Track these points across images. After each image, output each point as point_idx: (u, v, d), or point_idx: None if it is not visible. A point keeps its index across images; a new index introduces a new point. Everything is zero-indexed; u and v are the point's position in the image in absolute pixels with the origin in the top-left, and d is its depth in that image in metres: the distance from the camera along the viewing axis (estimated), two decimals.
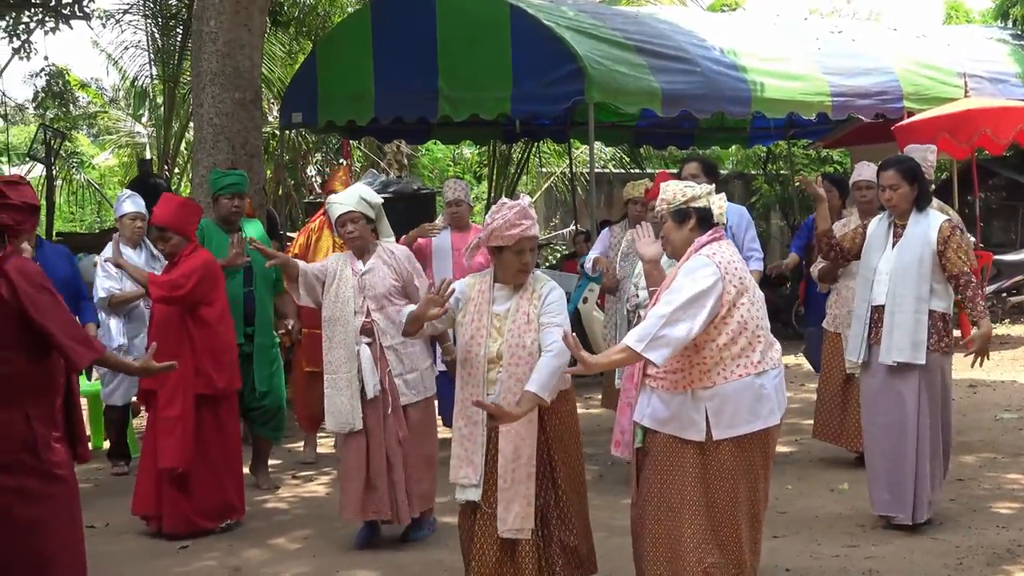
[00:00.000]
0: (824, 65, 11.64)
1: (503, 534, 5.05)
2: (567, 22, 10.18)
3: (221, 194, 7.81)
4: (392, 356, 6.42)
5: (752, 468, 4.85)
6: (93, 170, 26.05)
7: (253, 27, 10.45)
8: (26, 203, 4.92)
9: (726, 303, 4.72)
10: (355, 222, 6.43)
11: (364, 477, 6.39)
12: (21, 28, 16.67)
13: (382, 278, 6.43)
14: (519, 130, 14.47)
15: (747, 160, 20.51)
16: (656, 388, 4.86)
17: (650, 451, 4.91)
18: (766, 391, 4.82)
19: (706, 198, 4.95)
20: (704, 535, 4.80)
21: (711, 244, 4.86)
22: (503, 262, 5.14)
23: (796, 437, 9.13)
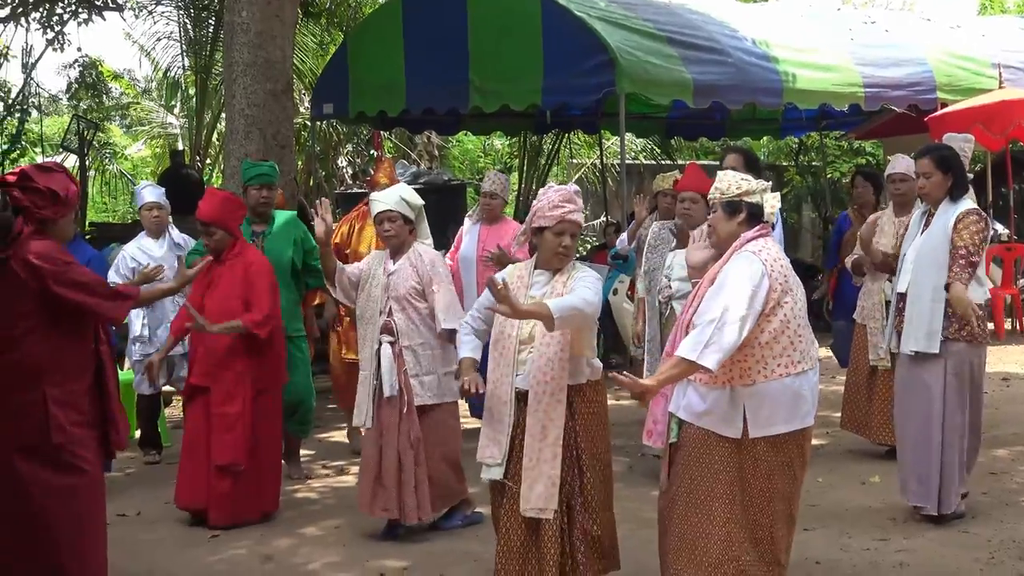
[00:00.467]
0: (857, 56, 11.57)
1: (525, 512, 5.05)
2: (598, 13, 10.16)
3: (250, 184, 7.80)
4: (410, 356, 6.41)
5: (790, 467, 4.83)
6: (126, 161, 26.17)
7: (285, 18, 10.48)
8: (49, 189, 4.96)
9: (771, 301, 4.69)
10: (392, 221, 6.43)
11: (376, 474, 6.42)
12: (55, 20, 16.75)
13: (405, 279, 6.43)
14: (550, 121, 14.45)
15: (779, 151, 20.41)
16: (693, 380, 4.83)
17: (683, 444, 4.89)
18: (804, 391, 4.80)
19: (760, 194, 4.91)
20: (737, 533, 4.77)
21: (757, 240, 4.82)
22: (544, 243, 5.16)
23: (827, 430, 9.09)
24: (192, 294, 6.99)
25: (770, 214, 4.90)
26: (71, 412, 4.98)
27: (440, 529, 6.69)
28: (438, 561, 6.20)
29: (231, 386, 6.84)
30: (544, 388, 5.04)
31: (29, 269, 4.87)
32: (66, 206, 5.05)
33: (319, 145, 19.52)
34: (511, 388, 5.13)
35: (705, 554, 4.78)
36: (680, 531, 4.85)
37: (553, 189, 5.20)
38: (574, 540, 5.11)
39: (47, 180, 4.98)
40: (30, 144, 19.91)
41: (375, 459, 6.42)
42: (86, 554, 5.07)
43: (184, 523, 6.99)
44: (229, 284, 6.89)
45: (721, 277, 4.76)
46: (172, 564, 6.25)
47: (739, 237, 4.84)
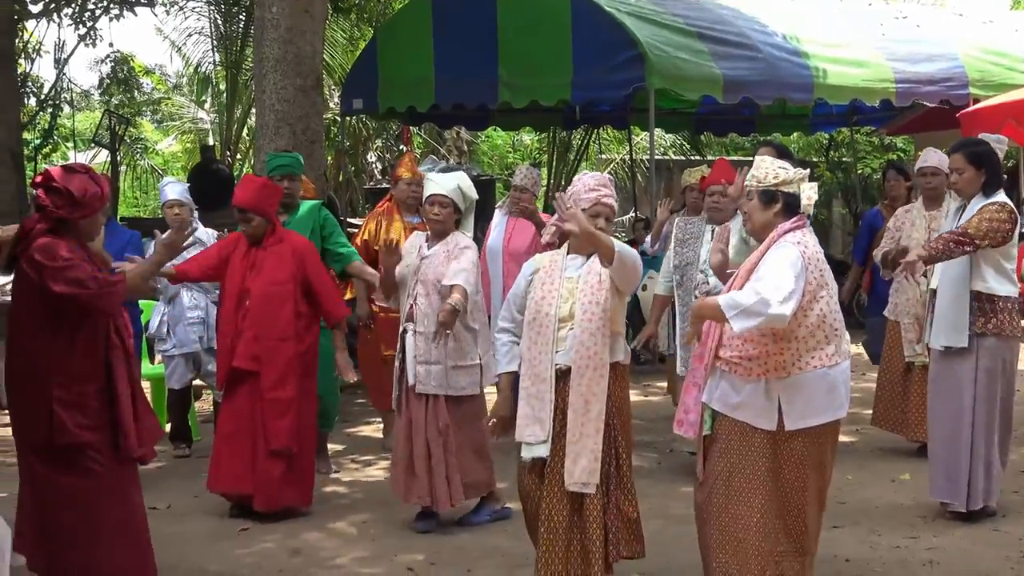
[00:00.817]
0: (888, 51, 11.51)
1: (569, 486, 5.04)
2: (628, 8, 10.14)
3: (272, 176, 7.82)
4: (421, 343, 6.39)
5: (823, 459, 4.86)
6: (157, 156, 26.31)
7: (315, 13, 10.50)
8: (67, 189, 4.98)
9: (808, 294, 4.69)
10: (444, 206, 6.43)
11: (408, 462, 6.44)
12: (87, 15, 16.84)
13: (436, 266, 6.41)
14: (579, 116, 14.44)
15: (809, 147, 20.33)
16: (728, 372, 4.83)
17: (718, 437, 4.90)
18: (838, 383, 4.80)
19: (798, 184, 4.90)
20: (774, 523, 4.79)
21: (795, 232, 4.81)
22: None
23: (856, 427, 9.05)
24: (230, 280, 6.95)
25: (806, 206, 4.88)
26: (78, 415, 4.99)
27: (468, 524, 6.70)
28: (465, 556, 6.20)
29: (284, 370, 6.83)
30: (587, 363, 5.04)
31: (32, 266, 4.93)
32: (85, 207, 5.04)
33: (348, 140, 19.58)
34: (551, 365, 5.12)
35: (746, 545, 4.80)
36: (721, 523, 4.86)
37: (588, 175, 5.27)
38: (610, 518, 5.12)
39: (67, 181, 5.01)
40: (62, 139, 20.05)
41: (406, 447, 6.44)
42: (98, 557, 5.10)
43: (214, 516, 7.02)
44: (275, 268, 6.87)
45: (761, 265, 4.76)
46: (201, 557, 6.28)
47: (776, 228, 4.83)
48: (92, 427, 5.03)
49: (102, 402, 5.06)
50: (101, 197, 5.12)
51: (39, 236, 4.99)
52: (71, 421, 4.97)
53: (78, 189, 5.00)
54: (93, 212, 5.12)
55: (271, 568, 6.09)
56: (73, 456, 5.01)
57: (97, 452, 5.04)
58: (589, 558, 5.05)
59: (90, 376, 5.04)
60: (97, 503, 5.07)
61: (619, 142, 20.90)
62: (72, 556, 5.08)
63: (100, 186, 5.12)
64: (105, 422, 5.06)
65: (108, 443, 5.07)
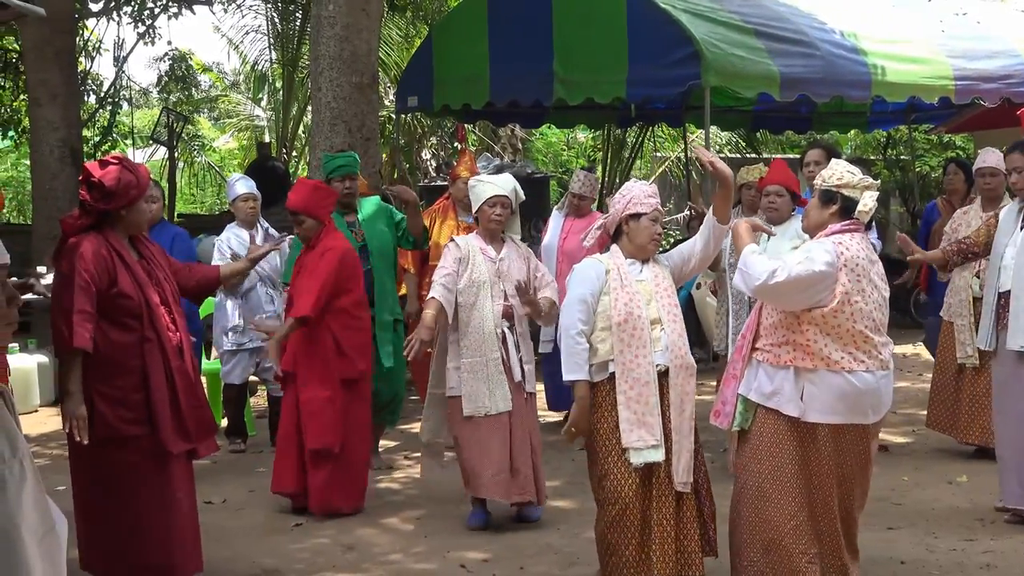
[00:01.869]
0: (948, 48, 11.37)
1: (677, 487, 5.08)
2: (684, 5, 10.08)
3: (332, 177, 7.87)
4: (522, 344, 6.56)
5: (851, 461, 4.84)
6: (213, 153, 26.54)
7: (371, 11, 10.53)
8: (100, 182, 5.03)
9: (838, 294, 4.69)
10: (504, 207, 6.54)
11: (508, 461, 6.44)
12: (146, 13, 17.01)
13: (518, 268, 6.53)
14: (634, 114, 14.38)
15: (866, 145, 20.15)
16: (763, 362, 4.90)
17: (752, 435, 4.94)
18: (865, 390, 4.78)
19: (861, 190, 4.91)
20: (805, 525, 4.76)
21: (842, 234, 4.83)
22: (639, 229, 5.21)
23: (913, 428, 8.97)
24: (292, 281, 7.10)
25: (862, 212, 4.87)
26: (120, 408, 5.05)
27: (522, 521, 6.70)
28: (519, 553, 6.21)
29: (319, 371, 6.88)
30: (680, 362, 5.17)
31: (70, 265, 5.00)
32: (120, 197, 5.08)
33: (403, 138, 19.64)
34: (652, 367, 5.12)
35: (778, 547, 4.78)
36: (752, 523, 4.87)
37: (636, 181, 5.35)
38: (707, 516, 5.23)
39: (101, 173, 5.06)
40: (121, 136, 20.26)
41: (504, 448, 6.44)
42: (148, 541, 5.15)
43: (269, 510, 7.08)
44: (311, 271, 6.93)
45: (796, 255, 4.85)
46: (256, 551, 6.33)
47: (827, 227, 4.85)
48: (134, 420, 5.08)
49: (142, 396, 5.10)
50: (137, 185, 5.13)
51: (78, 235, 5.05)
52: (112, 415, 5.03)
53: (110, 180, 5.04)
54: (132, 201, 5.14)
55: (324, 563, 6.13)
56: (115, 449, 5.07)
57: (137, 445, 5.10)
58: (691, 558, 5.11)
59: (127, 371, 5.08)
60: (136, 495, 5.12)
61: (674, 140, 20.81)
62: (110, 545, 5.15)
63: (135, 174, 5.14)
64: (145, 417, 5.11)
65: (148, 438, 5.12)
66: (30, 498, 2.26)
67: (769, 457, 4.84)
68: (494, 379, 6.42)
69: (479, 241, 6.60)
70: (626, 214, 5.23)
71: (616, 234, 5.34)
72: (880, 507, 6.77)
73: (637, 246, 5.25)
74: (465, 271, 6.50)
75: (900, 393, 10.13)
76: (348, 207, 7.87)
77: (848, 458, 4.85)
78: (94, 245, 5.03)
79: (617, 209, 5.28)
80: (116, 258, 5.09)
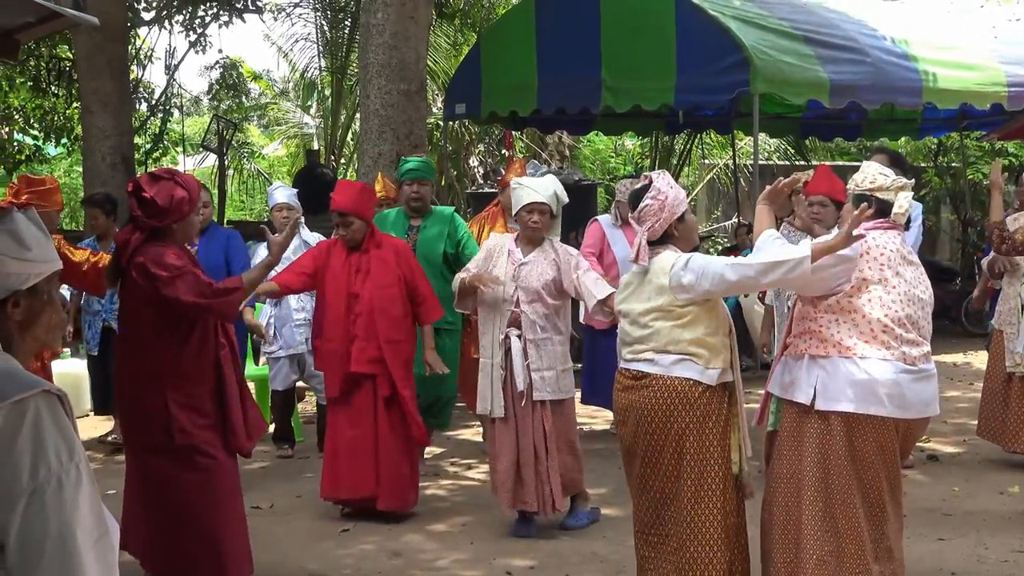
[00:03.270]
0: (1000, 54, 11.29)
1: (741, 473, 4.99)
2: (733, 11, 10.07)
3: (402, 180, 7.93)
4: (533, 350, 6.44)
5: (860, 453, 4.72)
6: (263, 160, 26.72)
7: (419, 19, 10.58)
8: (151, 199, 5.07)
9: (854, 280, 4.69)
10: (543, 213, 6.47)
11: (514, 468, 6.44)
12: (197, 22, 17.17)
13: (539, 273, 6.46)
14: (682, 121, 14.35)
15: (917, 152, 19.99)
16: (787, 355, 4.92)
17: (779, 436, 4.93)
18: (881, 379, 4.68)
19: (895, 192, 4.87)
20: (822, 523, 4.70)
21: (876, 231, 4.79)
22: (689, 227, 5.05)
23: (964, 437, 8.88)
24: (334, 286, 6.95)
25: (898, 214, 4.82)
26: (194, 415, 5.11)
27: (567, 529, 6.69)
28: (564, 561, 6.20)
29: (402, 370, 6.90)
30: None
31: (143, 275, 5.04)
32: (172, 213, 5.11)
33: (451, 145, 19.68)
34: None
35: (800, 547, 4.73)
36: (783, 524, 4.82)
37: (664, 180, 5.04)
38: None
39: (153, 190, 5.09)
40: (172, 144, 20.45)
41: (510, 455, 6.45)
42: (225, 543, 5.22)
43: (316, 516, 7.10)
44: (381, 271, 6.91)
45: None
46: (303, 556, 6.36)
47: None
48: (208, 426, 5.15)
49: (214, 402, 5.17)
50: (189, 201, 5.15)
51: (140, 245, 5.10)
52: (188, 421, 5.09)
53: (163, 197, 5.07)
54: (183, 216, 5.16)
55: (370, 569, 6.14)
56: (189, 454, 5.13)
57: (212, 448, 5.16)
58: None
59: (202, 377, 5.15)
60: (213, 498, 5.19)
61: (722, 147, 20.73)
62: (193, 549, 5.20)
63: (188, 190, 5.17)
64: (218, 420, 5.17)
65: (220, 440, 5.19)
66: (86, 502, 2.28)
67: (792, 444, 4.81)
68: (495, 384, 6.46)
69: (511, 243, 6.60)
70: (674, 219, 4.98)
71: (663, 239, 4.98)
72: (930, 517, 6.71)
73: (691, 243, 5.10)
74: (487, 268, 6.52)
75: (951, 403, 10.04)
76: (417, 211, 7.91)
77: (866, 452, 4.72)
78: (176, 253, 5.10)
79: (662, 217, 4.94)
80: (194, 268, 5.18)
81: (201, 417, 5.14)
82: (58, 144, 18.77)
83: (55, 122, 17.96)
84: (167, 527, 5.22)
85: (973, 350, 13.16)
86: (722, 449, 4.84)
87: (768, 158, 20.27)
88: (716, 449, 4.83)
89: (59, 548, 2.21)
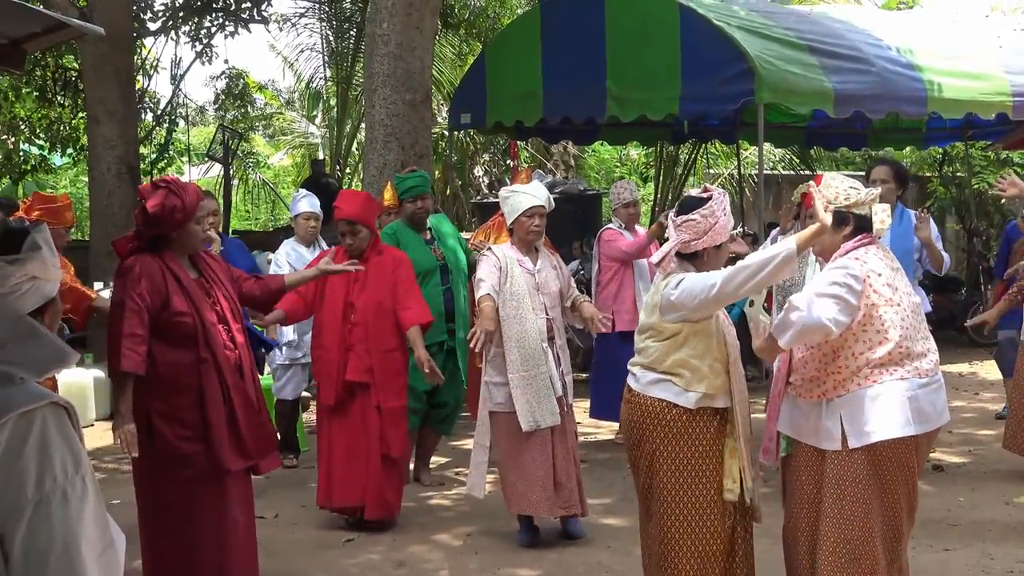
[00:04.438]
0: (1005, 64, 11.26)
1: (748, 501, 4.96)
2: (738, 22, 10.06)
3: (404, 198, 7.95)
4: (562, 356, 6.56)
5: (884, 479, 4.65)
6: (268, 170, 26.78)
7: (424, 29, 10.60)
8: (145, 209, 5.08)
9: (863, 307, 4.57)
10: (542, 217, 6.55)
11: (552, 475, 6.43)
12: (203, 33, 17.22)
13: (553, 279, 6.55)
14: (687, 131, 14.35)
15: (922, 162, 19.99)
16: (796, 396, 4.79)
17: (795, 461, 4.85)
18: (902, 399, 4.61)
19: (869, 205, 4.73)
20: (838, 548, 4.67)
21: (858, 249, 4.68)
22: (719, 256, 4.94)
23: (969, 447, 8.87)
24: (331, 296, 6.97)
25: (879, 230, 4.73)
26: (177, 426, 5.09)
27: (569, 538, 6.69)
28: (570, 571, 6.19)
29: (395, 380, 6.94)
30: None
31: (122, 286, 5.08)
32: (163, 222, 5.10)
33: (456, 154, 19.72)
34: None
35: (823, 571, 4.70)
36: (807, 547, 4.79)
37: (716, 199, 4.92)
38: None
39: (149, 198, 5.11)
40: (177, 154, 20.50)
41: (547, 462, 6.43)
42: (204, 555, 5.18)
43: (321, 526, 7.11)
44: (379, 280, 6.93)
45: (819, 277, 4.69)
46: (308, 566, 6.36)
47: (841, 248, 4.72)
48: (191, 438, 5.11)
49: (198, 415, 5.14)
50: (183, 209, 5.12)
51: (130, 255, 5.12)
52: (171, 433, 5.07)
53: (153, 205, 5.07)
54: (177, 225, 5.15)
55: None
56: (173, 466, 5.11)
57: (194, 463, 5.12)
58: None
59: (183, 390, 5.11)
60: (193, 513, 5.15)
61: (727, 156, 20.76)
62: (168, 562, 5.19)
63: (182, 199, 5.15)
64: (202, 434, 5.14)
65: (206, 454, 5.15)
66: (91, 513, 2.29)
67: (809, 479, 4.74)
68: (543, 393, 6.39)
69: (515, 252, 6.58)
70: (713, 245, 4.88)
71: (692, 255, 4.90)
72: (936, 528, 6.70)
73: (715, 268, 4.95)
74: (505, 282, 6.49)
75: (956, 412, 10.01)
76: (420, 225, 7.96)
77: (891, 476, 4.66)
78: (148, 267, 5.08)
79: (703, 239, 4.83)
80: (171, 279, 5.12)
81: (185, 429, 5.11)
82: (64, 154, 18.83)
83: (61, 132, 18.01)
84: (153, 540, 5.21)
85: (979, 360, 13.15)
86: (702, 474, 4.78)
87: (773, 168, 20.29)
88: (694, 474, 4.78)
89: (64, 560, 2.22)
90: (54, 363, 2.45)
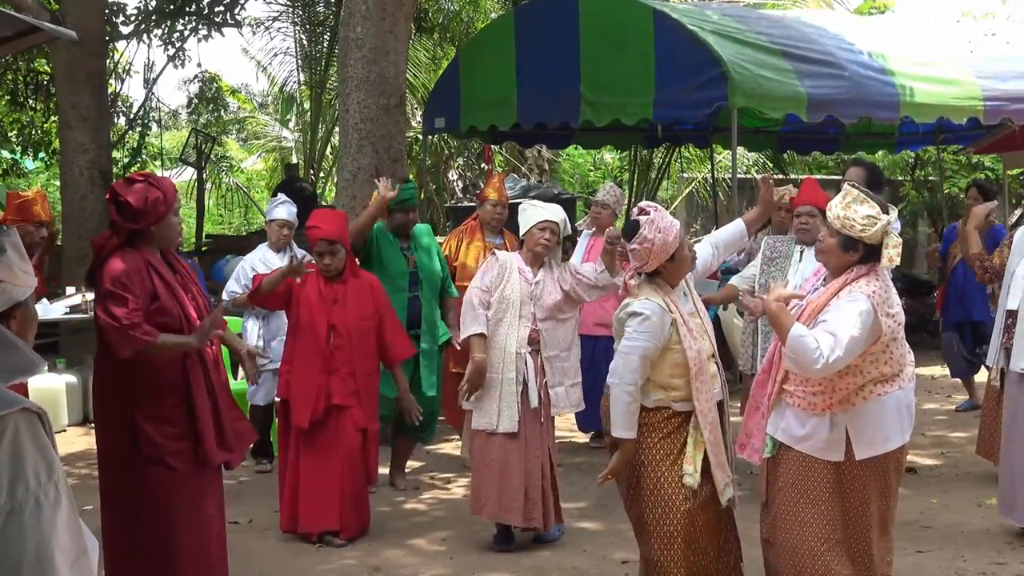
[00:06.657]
0: (977, 69, 11.33)
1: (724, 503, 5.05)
2: (711, 26, 10.09)
3: (395, 209, 7.93)
4: (549, 367, 6.51)
5: (887, 484, 4.78)
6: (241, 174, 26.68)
7: (398, 33, 10.58)
8: (126, 201, 5.05)
9: (875, 334, 4.59)
10: (553, 233, 6.56)
11: (522, 484, 6.42)
12: (175, 36, 17.16)
13: (551, 292, 6.52)
14: (661, 135, 14.39)
15: (894, 166, 20.08)
16: (792, 405, 4.79)
17: (782, 464, 4.86)
18: (901, 408, 4.74)
19: (881, 235, 4.67)
20: (837, 549, 4.72)
21: (870, 281, 4.67)
22: (680, 262, 5.01)
23: (942, 450, 8.90)
24: (308, 316, 6.88)
25: (887, 263, 4.68)
26: (164, 426, 5.06)
27: (543, 542, 6.69)
28: None
29: (372, 404, 6.94)
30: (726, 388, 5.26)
31: (95, 284, 5.06)
32: (148, 215, 5.07)
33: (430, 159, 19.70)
34: (715, 404, 5.05)
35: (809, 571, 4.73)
36: (787, 548, 4.82)
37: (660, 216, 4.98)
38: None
39: (127, 192, 5.07)
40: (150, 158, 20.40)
41: (519, 469, 6.42)
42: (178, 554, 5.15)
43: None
44: (359, 303, 6.90)
45: (832, 310, 4.66)
46: (282, 572, 6.34)
47: (852, 270, 4.72)
48: (176, 437, 5.09)
49: (183, 413, 5.11)
50: (164, 201, 5.09)
51: (111, 252, 5.08)
52: (157, 433, 5.04)
53: (137, 198, 5.04)
54: (160, 218, 5.11)
55: None
56: (154, 465, 5.08)
57: (178, 461, 5.10)
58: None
59: (169, 389, 5.09)
60: (172, 511, 5.12)
61: (701, 161, 20.79)
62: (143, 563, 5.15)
63: (162, 190, 5.12)
64: (188, 431, 5.12)
65: (190, 452, 5.13)
66: (64, 521, 2.27)
67: (802, 485, 4.77)
68: (505, 399, 6.41)
69: (520, 261, 6.61)
70: (665, 259, 4.95)
71: (652, 273, 5.00)
72: (909, 530, 6.73)
73: (679, 276, 5.06)
74: (498, 286, 6.51)
75: (928, 415, 10.08)
76: (404, 236, 7.97)
77: (889, 478, 4.78)
78: (130, 262, 5.05)
79: (649, 261, 4.93)
80: (153, 273, 5.10)
81: (171, 428, 5.09)
82: (36, 158, 18.73)
83: (33, 136, 17.92)
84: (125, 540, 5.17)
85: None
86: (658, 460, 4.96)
87: (747, 172, 20.32)
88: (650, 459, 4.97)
89: (36, 569, 2.20)
90: (18, 372, 2.42)
